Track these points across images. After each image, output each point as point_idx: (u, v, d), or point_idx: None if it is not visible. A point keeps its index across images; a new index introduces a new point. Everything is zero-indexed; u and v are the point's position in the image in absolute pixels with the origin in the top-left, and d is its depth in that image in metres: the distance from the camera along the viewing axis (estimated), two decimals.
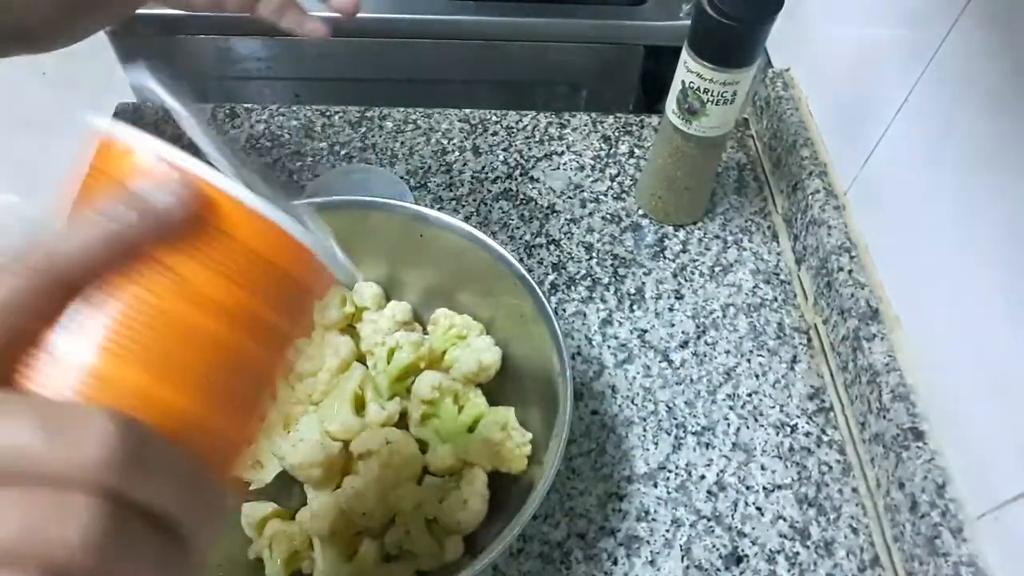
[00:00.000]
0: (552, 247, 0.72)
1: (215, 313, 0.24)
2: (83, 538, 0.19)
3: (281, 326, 0.26)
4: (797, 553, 0.55)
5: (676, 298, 0.69)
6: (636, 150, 0.80)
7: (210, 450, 0.24)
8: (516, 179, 0.77)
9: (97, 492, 0.20)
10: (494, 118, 0.83)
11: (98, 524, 0.19)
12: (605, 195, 0.76)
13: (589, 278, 0.70)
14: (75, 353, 0.22)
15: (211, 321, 0.24)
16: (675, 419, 0.61)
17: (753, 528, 0.56)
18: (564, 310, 0.67)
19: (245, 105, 0.82)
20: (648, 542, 0.55)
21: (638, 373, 0.64)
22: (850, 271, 0.62)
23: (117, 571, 0.20)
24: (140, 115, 0.81)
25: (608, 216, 0.75)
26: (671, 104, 0.65)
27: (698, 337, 0.66)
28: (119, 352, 0.22)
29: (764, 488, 0.58)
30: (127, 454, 0.20)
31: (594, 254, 0.71)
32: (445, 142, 0.80)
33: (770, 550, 0.55)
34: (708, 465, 0.59)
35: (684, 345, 0.66)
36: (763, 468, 0.59)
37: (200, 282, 0.23)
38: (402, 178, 0.75)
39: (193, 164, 0.24)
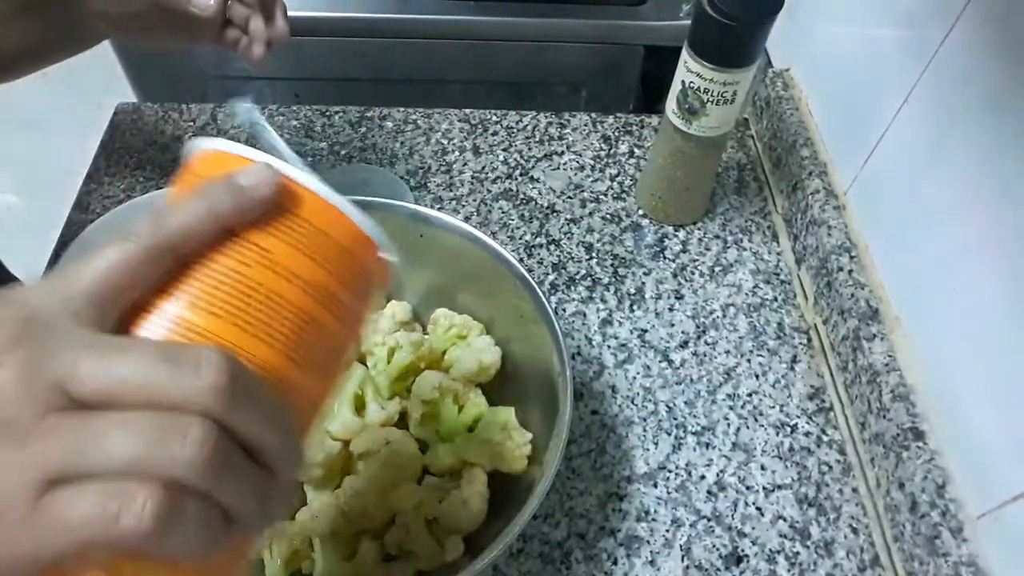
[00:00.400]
0: (552, 247, 0.72)
1: (297, 284, 0.27)
2: (196, 456, 0.22)
3: (351, 302, 0.30)
4: (797, 553, 0.55)
5: (676, 298, 0.69)
6: (636, 150, 0.80)
7: (292, 402, 0.27)
8: (516, 179, 0.77)
9: (208, 418, 0.22)
10: (494, 118, 0.83)
11: (208, 445, 0.22)
12: (605, 195, 0.76)
13: (589, 278, 0.70)
14: (178, 310, 0.26)
15: (293, 291, 0.27)
16: (675, 419, 0.61)
17: (753, 528, 0.56)
18: (564, 310, 0.67)
19: (245, 105, 0.82)
20: (648, 542, 0.55)
21: (638, 373, 0.64)
22: (850, 271, 0.62)
23: (222, 489, 0.23)
24: (140, 115, 0.81)
25: (608, 216, 0.75)
26: (671, 104, 0.65)
27: (698, 337, 0.66)
28: (216, 312, 0.26)
29: (764, 488, 0.58)
30: (234, 387, 0.23)
31: (594, 254, 0.71)
32: (445, 142, 0.80)
33: (770, 550, 0.55)
34: (708, 465, 0.59)
35: (684, 345, 0.66)
36: (763, 468, 0.59)
37: (284, 258, 0.27)
38: (402, 178, 0.75)
39: (280, 163, 0.28)
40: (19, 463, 0.22)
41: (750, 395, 0.63)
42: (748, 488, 0.58)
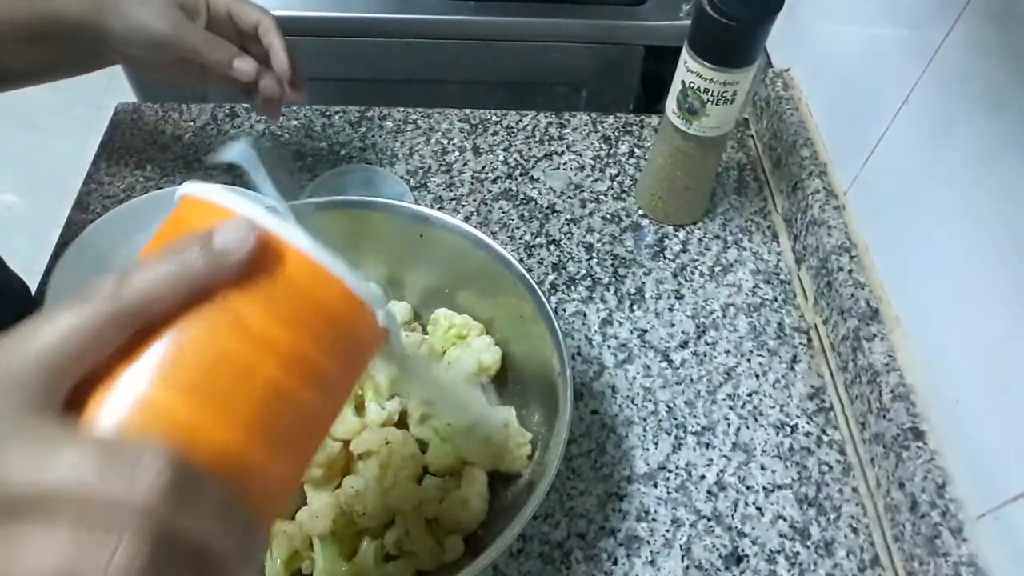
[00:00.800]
0: (552, 247, 0.72)
1: (272, 355, 0.25)
2: (127, 570, 0.20)
3: (335, 373, 0.27)
4: (797, 553, 0.55)
5: (676, 298, 0.69)
6: (636, 150, 0.80)
7: (253, 488, 0.25)
8: (516, 179, 0.77)
9: (143, 524, 0.21)
10: (494, 118, 0.83)
11: (142, 556, 0.20)
12: (605, 195, 0.76)
13: (589, 278, 0.70)
14: (135, 382, 0.23)
15: (268, 362, 0.25)
16: (675, 419, 0.61)
17: (753, 528, 0.56)
18: (564, 310, 0.67)
19: (245, 105, 0.82)
20: (648, 542, 0.55)
21: (638, 373, 0.64)
22: (850, 271, 0.62)
23: None
24: (140, 115, 0.81)
25: (608, 216, 0.75)
26: (671, 104, 0.65)
27: (698, 337, 0.66)
28: (176, 384, 0.23)
29: (764, 488, 0.58)
30: (174, 488, 0.21)
31: (594, 254, 0.71)
32: (445, 142, 0.80)
33: (770, 550, 0.55)
34: (708, 465, 0.59)
35: (684, 345, 0.66)
36: (763, 468, 0.59)
37: (261, 324, 0.25)
38: (402, 178, 0.75)
39: (265, 216, 0.25)
40: None
41: (750, 395, 0.63)
42: (748, 488, 0.58)
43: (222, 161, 0.31)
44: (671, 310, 0.68)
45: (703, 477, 0.58)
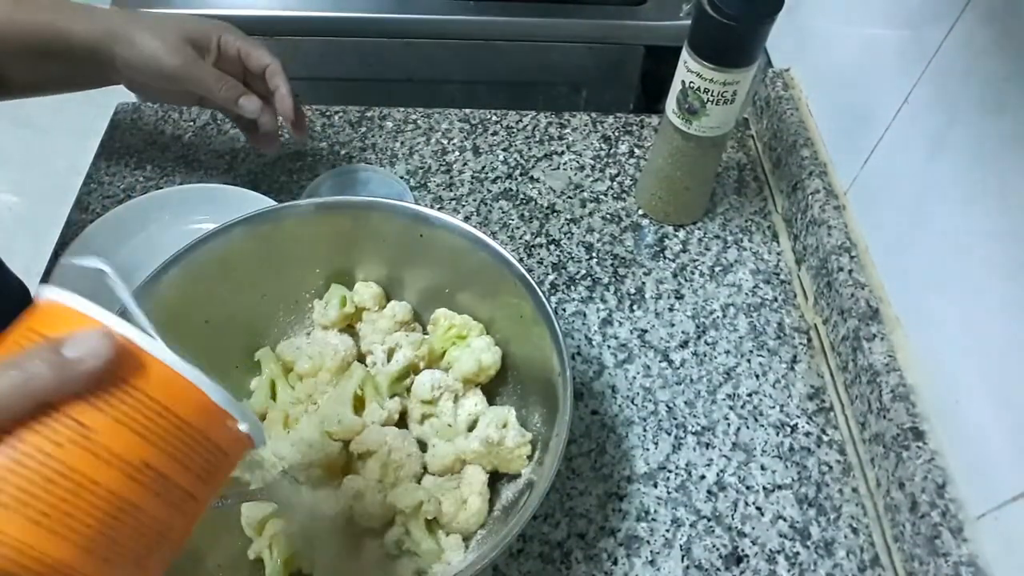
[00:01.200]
0: (552, 247, 0.72)
1: (118, 467, 0.24)
2: None
3: (190, 487, 0.26)
4: (797, 553, 0.55)
5: (676, 298, 0.69)
6: (636, 150, 0.80)
7: None
8: (516, 179, 0.77)
9: None
10: (494, 118, 0.83)
11: None
12: (605, 195, 0.76)
13: (589, 278, 0.70)
14: None
15: (112, 474, 0.24)
16: (675, 419, 0.61)
17: (753, 528, 0.56)
18: (564, 310, 0.67)
19: None
20: (648, 542, 0.55)
21: (638, 373, 0.64)
22: (850, 271, 0.62)
23: None
24: (140, 115, 0.81)
25: (608, 216, 0.75)
26: (671, 104, 0.65)
27: (698, 337, 0.66)
28: (6, 501, 0.22)
29: (764, 488, 0.58)
30: None
31: (594, 254, 0.71)
32: (445, 142, 0.80)
33: (770, 550, 0.55)
34: (708, 465, 0.59)
35: (684, 345, 0.66)
36: (763, 468, 0.59)
37: (107, 436, 0.24)
38: (402, 178, 0.75)
39: (118, 323, 0.25)
40: None
41: (750, 395, 0.63)
42: (748, 488, 0.58)
43: (80, 265, 0.30)
44: (671, 310, 0.68)
45: (703, 477, 0.58)
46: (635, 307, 0.68)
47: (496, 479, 0.53)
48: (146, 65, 0.59)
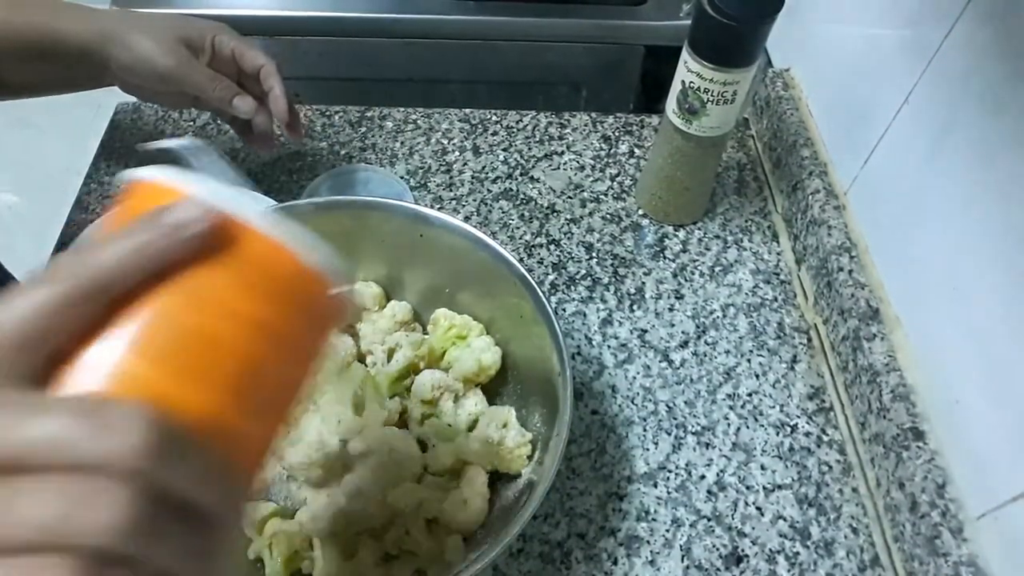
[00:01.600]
0: (552, 247, 0.72)
1: (237, 323, 0.25)
2: (118, 521, 0.20)
3: (300, 339, 0.28)
4: (797, 553, 0.55)
5: (676, 298, 0.69)
6: (636, 150, 0.80)
7: (232, 448, 0.25)
8: (516, 179, 0.77)
9: (130, 480, 0.21)
10: (494, 118, 0.83)
11: (131, 511, 0.21)
12: (605, 195, 0.76)
13: (589, 278, 0.70)
14: (107, 355, 0.24)
15: (233, 330, 0.25)
16: (675, 419, 0.61)
17: (753, 528, 0.56)
18: (564, 310, 0.67)
19: None
20: (648, 542, 0.55)
21: (638, 373, 0.64)
22: (850, 271, 0.62)
23: (152, 553, 0.21)
24: (140, 115, 0.81)
25: (608, 216, 0.75)
26: (671, 104, 0.65)
27: (698, 337, 0.66)
28: (148, 355, 0.24)
29: (764, 488, 0.58)
30: (159, 445, 0.21)
31: (594, 254, 0.71)
32: (445, 142, 0.80)
33: (770, 550, 0.55)
34: (708, 465, 0.59)
35: (684, 345, 0.66)
36: (763, 468, 0.59)
37: (225, 295, 0.25)
38: (402, 178, 0.75)
39: (219, 193, 0.26)
40: None
41: (750, 395, 0.63)
42: (748, 488, 0.58)
43: (164, 148, 0.32)
44: (671, 310, 0.68)
45: (703, 477, 0.58)
46: (635, 307, 0.68)
47: (496, 479, 0.53)
48: (140, 66, 0.58)
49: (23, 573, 0.20)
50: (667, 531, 0.56)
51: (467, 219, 0.73)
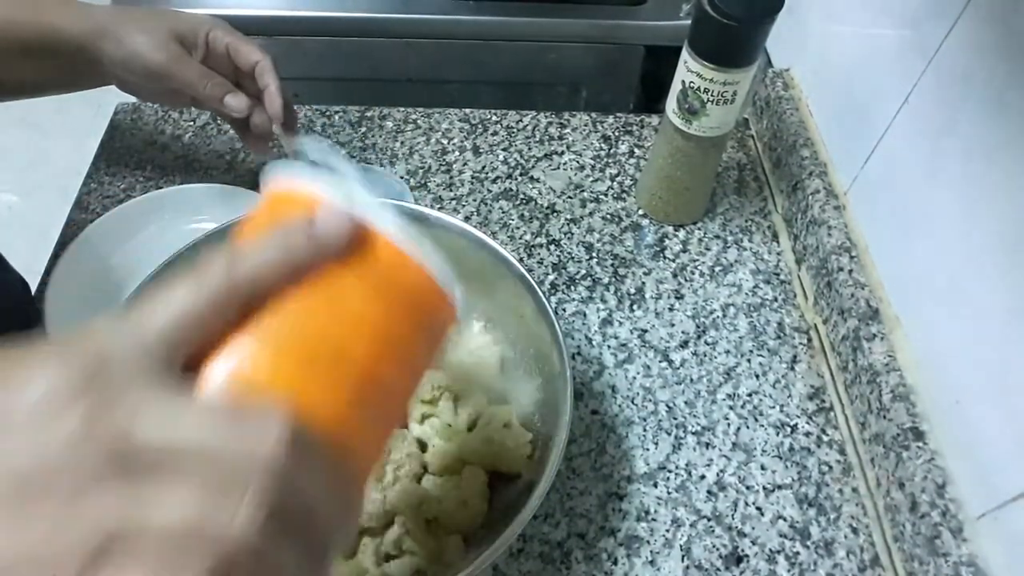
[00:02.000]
0: (552, 247, 0.72)
1: (368, 334, 0.27)
2: (251, 522, 0.21)
3: (420, 352, 0.29)
4: (797, 553, 0.55)
5: (676, 298, 0.69)
6: (636, 150, 0.80)
7: (352, 456, 0.26)
8: (516, 179, 0.77)
9: (264, 484, 0.22)
10: (494, 118, 0.83)
11: (264, 511, 0.22)
12: (605, 195, 0.76)
13: (589, 278, 0.70)
14: (250, 352, 0.25)
15: (364, 341, 0.26)
16: (675, 419, 0.61)
17: (753, 528, 0.56)
18: (564, 310, 0.67)
19: None
20: (648, 542, 0.55)
21: (638, 373, 0.64)
22: (850, 271, 0.62)
23: (277, 555, 0.22)
24: (140, 115, 0.81)
25: (608, 216, 0.75)
26: (671, 104, 0.65)
27: (698, 337, 0.66)
28: (289, 356, 0.25)
29: (764, 488, 0.58)
30: (292, 456, 0.22)
31: (594, 254, 0.71)
32: (445, 142, 0.80)
33: (770, 550, 0.55)
34: (708, 465, 0.59)
35: (684, 345, 0.66)
36: (763, 468, 0.59)
37: (357, 305, 0.26)
38: (402, 178, 0.75)
39: (359, 203, 0.27)
40: (76, 520, 0.21)
41: (750, 395, 0.63)
42: (748, 488, 0.58)
43: (305, 156, 0.33)
44: (671, 310, 0.68)
45: (703, 477, 0.58)
46: (635, 307, 0.68)
47: (496, 479, 0.53)
48: (131, 61, 0.57)
49: (160, 569, 0.21)
50: (667, 531, 0.56)
51: (467, 219, 0.73)
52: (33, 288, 0.66)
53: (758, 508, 0.57)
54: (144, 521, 0.21)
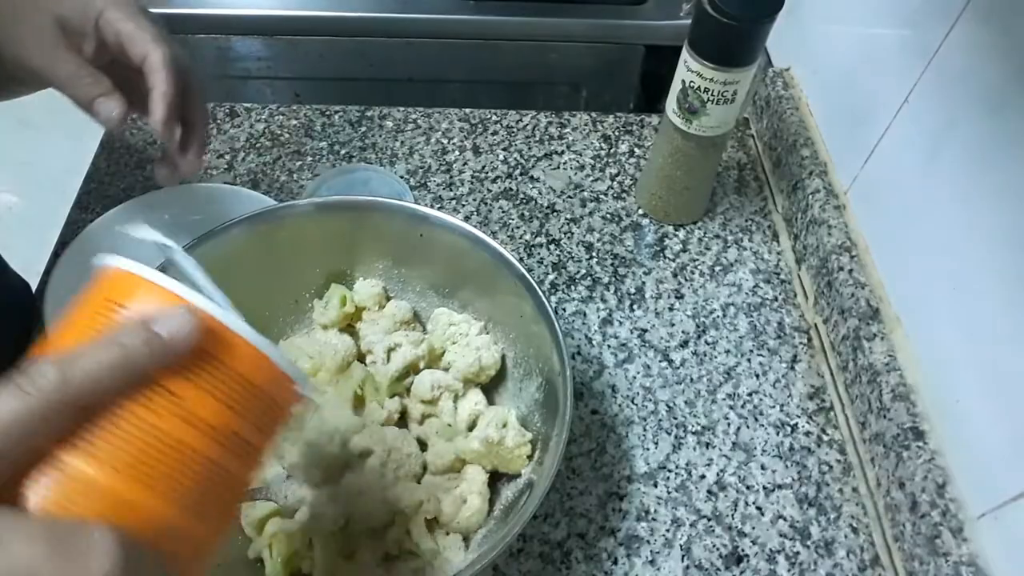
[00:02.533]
0: (552, 247, 0.72)
1: (206, 433, 0.27)
2: None
3: (259, 444, 0.29)
4: (797, 553, 0.55)
5: (676, 298, 0.69)
6: (636, 150, 0.80)
7: (187, 553, 0.27)
8: (516, 179, 0.77)
9: None
10: (494, 118, 0.83)
11: None
12: (605, 195, 0.76)
13: (589, 278, 0.70)
14: (78, 467, 0.25)
15: (202, 440, 0.26)
16: (675, 419, 0.61)
17: (753, 528, 0.56)
18: (564, 310, 0.67)
19: (245, 104, 0.82)
20: (648, 542, 0.55)
21: (638, 373, 0.64)
22: (850, 271, 0.62)
23: None
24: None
25: (608, 216, 0.75)
26: (671, 104, 0.65)
27: (698, 337, 0.66)
28: (117, 466, 0.25)
29: (764, 488, 0.58)
30: (123, 571, 0.23)
31: (594, 253, 0.71)
32: (445, 142, 0.80)
33: (770, 550, 0.55)
34: (708, 465, 0.59)
35: (684, 345, 0.66)
36: (763, 468, 0.59)
37: (196, 405, 0.26)
38: (402, 178, 0.75)
39: (196, 297, 0.27)
40: None
41: (750, 395, 0.63)
42: (748, 488, 0.58)
43: (142, 238, 0.32)
44: (671, 310, 0.68)
45: (703, 477, 0.58)
46: (635, 307, 0.68)
47: (496, 479, 0.53)
48: (4, 52, 0.47)
49: None
50: (667, 531, 0.56)
51: (467, 219, 0.73)
52: (33, 288, 0.66)
53: (758, 508, 0.57)
54: None
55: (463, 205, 0.74)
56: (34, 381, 0.24)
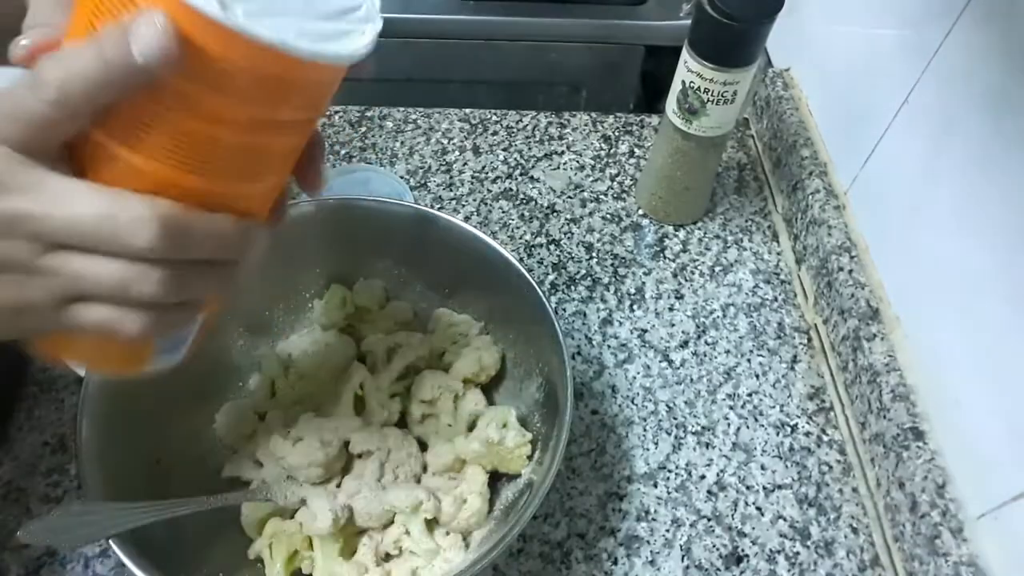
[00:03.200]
0: (552, 247, 0.72)
1: (214, 121, 0.28)
2: (159, 285, 0.28)
3: (293, 115, 0.31)
4: (797, 553, 0.55)
5: (676, 298, 0.69)
6: (636, 150, 0.80)
7: (241, 207, 0.31)
8: (516, 179, 0.77)
9: (155, 262, 0.27)
10: (494, 118, 0.83)
11: (164, 277, 0.28)
12: (605, 195, 0.76)
13: (589, 278, 0.70)
14: (112, 150, 0.28)
15: (217, 126, 0.28)
16: (675, 419, 0.61)
17: (753, 528, 0.56)
18: (564, 310, 0.67)
19: None
20: (648, 542, 0.55)
21: (638, 373, 0.64)
22: (850, 271, 0.62)
23: (188, 292, 0.29)
24: None
25: (608, 216, 0.75)
26: (671, 104, 0.65)
27: (698, 337, 0.66)
28: (149, 152, 0.28)
29: (764, 488, 0.58)
30: (168, 231, 0.27)
31: (594, 254, 0.71)
32: (445, 142, 0.80)
33: (770, 550, 0.55)
34: (708, 465, 0.59)
35: (684, 345, 0.66)
36: (763, 468, 0.59)
37: (207, 100, 0.28)
38: (402, 178, 0.75)
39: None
40: (37, 290, 0.27)
41: (750, 395, 0.63)
42: (748, 488, 0.58)
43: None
44: (671, 310, 0.68)
45: (703, 477, 0.58)
46: (635, 307, 0.68)
47: (496, 479, 0.53)
48: None
49: (109, 316, 0.28)
50: (667, 531, 0.56)
51: (467, 219, 0.73)
52: None
53: (758, 508, 0.57)
54: (85, 286, 0.27)
55: (463, 205, 0.74)
56: (104, 45, 0.25)
